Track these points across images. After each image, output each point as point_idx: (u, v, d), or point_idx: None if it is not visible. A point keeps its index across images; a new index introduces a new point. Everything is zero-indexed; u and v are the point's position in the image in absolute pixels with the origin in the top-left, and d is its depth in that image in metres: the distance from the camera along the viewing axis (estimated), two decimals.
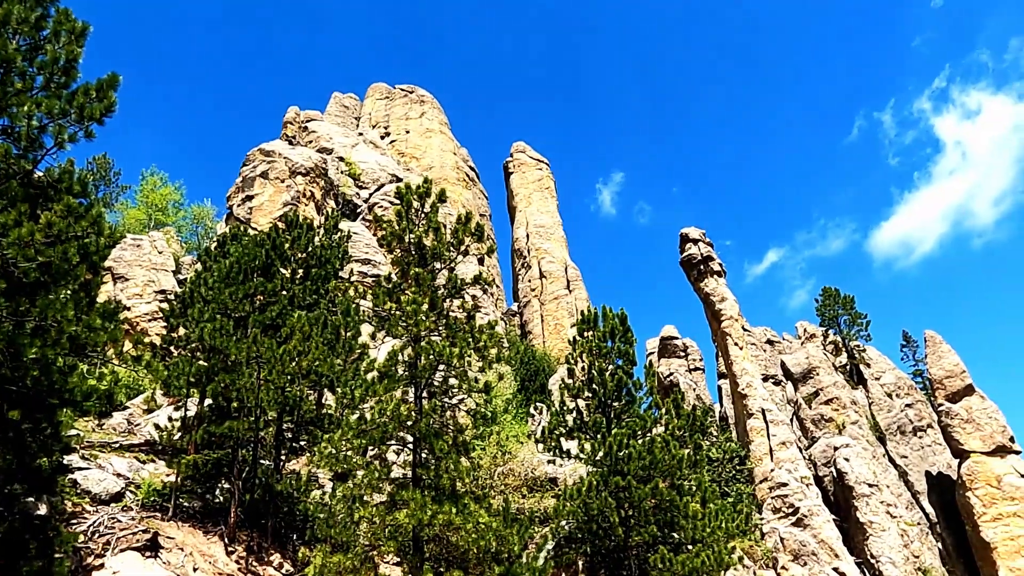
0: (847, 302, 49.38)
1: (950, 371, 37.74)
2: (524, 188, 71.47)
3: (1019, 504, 32.48)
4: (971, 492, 33.66)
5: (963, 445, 35.17)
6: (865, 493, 32.35)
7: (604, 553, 20.61)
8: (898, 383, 45.98)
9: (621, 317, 22.83)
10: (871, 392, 44.91)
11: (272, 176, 41.44)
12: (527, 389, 40.91)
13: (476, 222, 19.24)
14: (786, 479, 29.53)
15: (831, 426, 38.49)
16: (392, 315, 17.22)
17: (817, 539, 27.41)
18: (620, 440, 19.99)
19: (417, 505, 14.09)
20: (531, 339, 57.70)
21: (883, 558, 29.95)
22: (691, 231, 38.53)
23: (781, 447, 31.35)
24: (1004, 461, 34.26)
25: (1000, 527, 32.18)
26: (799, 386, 41.74)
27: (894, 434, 41.89)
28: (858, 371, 46.59)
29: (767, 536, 27.80)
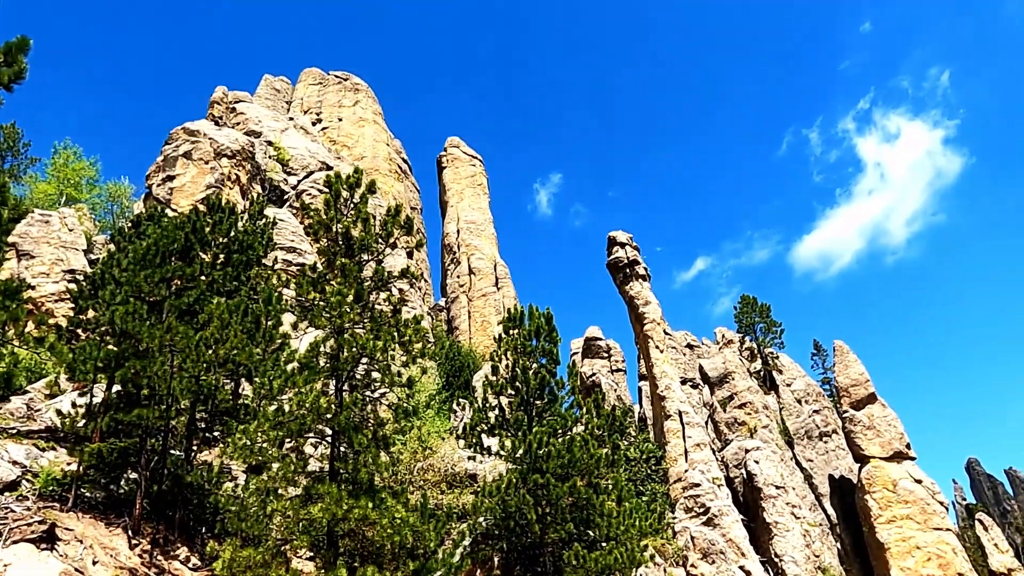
0: (764, 310, 51.23)
1: (855, 380, 39.64)
2: (457, 183, 71.26)
3: (912, 507, 34.40)
4: (869, 495, 35.45)
5: (864, 450, 37.00)
6: (772, 495, 33.65)
7: (520, 550, 20.77)
8: (807, 390, 48.00)
9: (547, 316, 23.05)
10: (782, 397, 46.72)
11: (196, 157, 40.00)
12: (451, 385, 40.81)
13: (406, 215, 19.07)
14: (699, 479, 30.42)
15: (744, 429, 39.85)
16: (316, 305, 16.89)
17: (726, 538, 28.34)
18: (540, 438, 20.18)
19: (333, 499, 13.86)
20: (457, 335, 57.60)
21: (786, 557, 31.23)
22: (619, 235, 39.20)
23: (696, 448, 32.26)
24: (900, 466, 36.23)
25: (894, 529, 34.01)
26: (715, 390, 43.06)
27: (802, 438, 43.71)
28: (771, 377, 48.40)
29: (679, 535, 28.57)
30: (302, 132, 56.09)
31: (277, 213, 39.89)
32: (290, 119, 60.22)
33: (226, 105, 53.33)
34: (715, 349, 51.59)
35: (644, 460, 33.71)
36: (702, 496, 29.81)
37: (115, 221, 47.77)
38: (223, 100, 53.57)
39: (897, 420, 38.03)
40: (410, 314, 23.17)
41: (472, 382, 41.34)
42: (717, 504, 29.52)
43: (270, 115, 56.41)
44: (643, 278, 38.34)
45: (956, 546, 33.81)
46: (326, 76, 71.72)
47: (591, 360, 54.15)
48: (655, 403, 36.34)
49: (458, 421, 29.63)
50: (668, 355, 37.47)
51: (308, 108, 67.27)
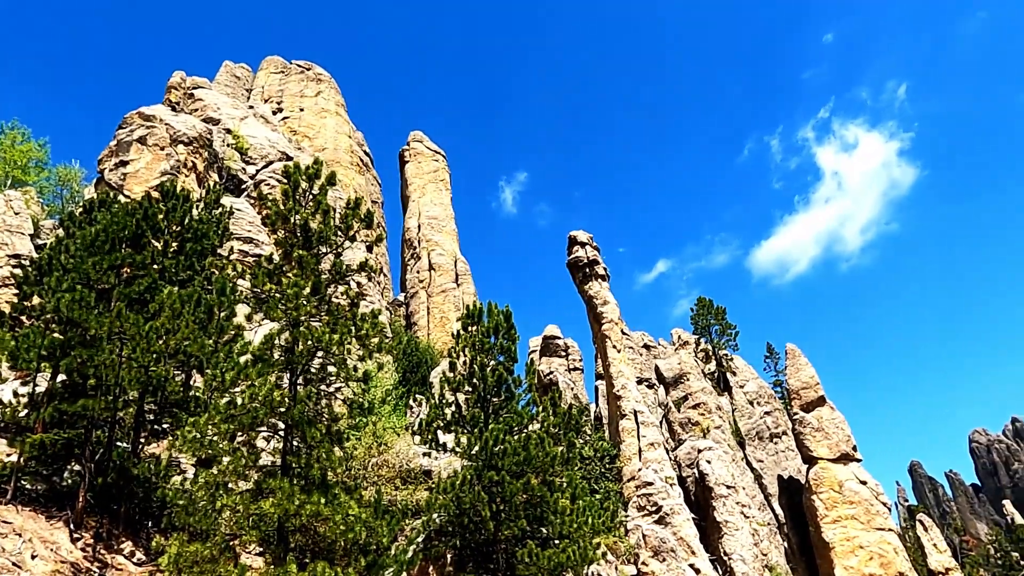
0: (719, 313, 52.03)
1: (806, 383, 40.52)
2: (419, 178, 70.83)
3: (856, 508, 35.31)
4: (816, 495, 36.28)
5: (813, 452, 37.84)
6: (723, 494, 34.20)
7: (474, 547, 20.75)
8: (760, 391, 48.91)
9: (506, 314, 23.05)
10: (735, 399, 47.52)
11: (151, 142, 39.03)
12: (408, 381, 40.56)
13: (366, 208, 18.88)
14: (652, 478, 30.76)
15: (697, 429, 40.43)
16: (271, 297, 16.63)
17: (677, 536, 28.71)
18: (497, 435, 20.18)
19: (284, 494, 13.67)
20: (416, 331, 57.29)
21: (735, 555, 31.78)
22: (579, 234, 39.40)
23: (650, 448, 32.62)
24: (847, 468, 37.15)
25: (839, 528, 34.87)
26: (670, 390, 43.60)
27: (753, 439, 44.52)
28: (725, 378, 49.20)
29: (631, 533, 28.85)
30: (262, 121, 55.15)
31: (234, 202, 39.16)
32: (250, 107, 59.16)
33: (184, 91, 52.14)
34: (671, 350, 52.22)
35: (599, 458, 33.96)
36: (655, 495, 30.15)
37: (64, 206, 46.33)
38: (181, 85, 52.37)
39: (845, 423, 38.97)
40: (368, 308, 22.97)
41: (430, 378, 41.16)
42: (669, 503, 29.89)
43: (229, 102, 55.34)
44: (602, 278, 38.61)
45: (897, 546, 34.81)
46: (288, 65, 70.62)
47: (549, 358, 54.35)
48: (611, 402, 36.64)
49: (414, 417, 29.47)
50: (625, 355, 37.81)
51: (269, 97, 66.17)
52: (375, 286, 48.66)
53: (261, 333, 17.28)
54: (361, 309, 18.31)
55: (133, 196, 33.81)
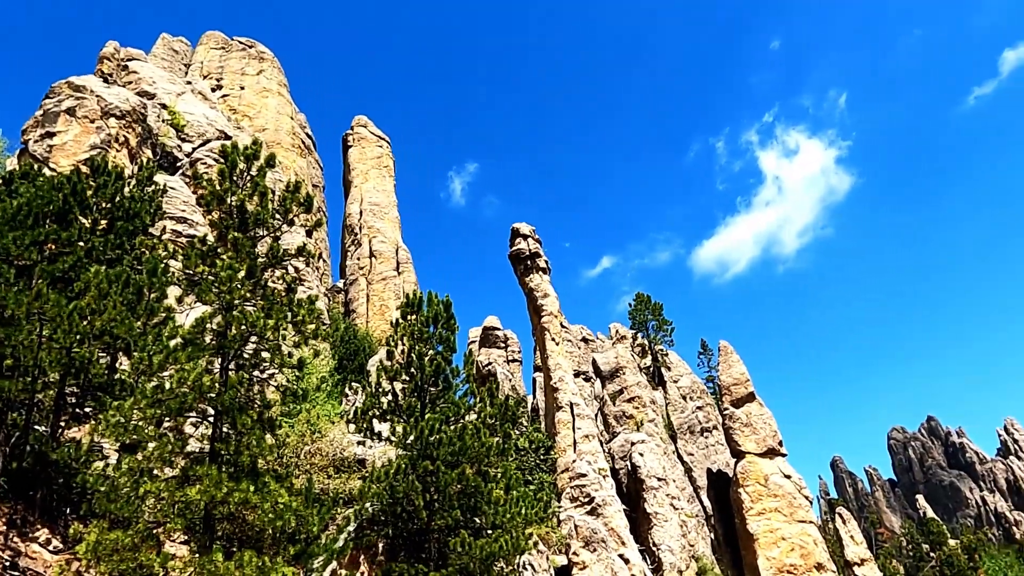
0: (656, 309, 52.96)
1: (737, 379, 41.64)
2: (362, 164, 69.83)
3: (780, 501, 36.54)
4: (743, 489, 37.39)
5: (741, 446, 38.96)
6: (654, 486, 34.94)
7: (406, 536, 20.69)
8: (693, 387, 50.05)
9: (446, 304, 22.99)
10: (669, 393, 48.52)
11: (80, 114, 37.38)
12: (345, 368, 40.06)
13: (306, 191, 18.53)
14: (586, 470, 31.19)
15: (631, 423, 41.15)
16: (204, 280, 16.17)
17: (608, 527, 29.21)
18: (433, 425, 20.14)
19: (212, 481, 13.35)
20: (355, 318, 56.57)
21: (663, 546, 32.53)
22: (522, 226, 39.52)
23: (584, 440, 33.05)
24: (772, 462, 38.38)
25: (763, 520, 36.03)
26: (607, 383, 44.23)
27: (684, 433, 45.56)
28: (660, 373, 50.16)
29: (563, 523, 29.22)
30: (200, 98, 53.45)
31: (168, 181, 37.88)
32: (188, 83, 57.25)
33: (117, 62, 50.10)
34: (609, 344, 52.97)
35: (534, 450, 34.26)
36: (588, 486, 30.59)
37: None
38: (114, 56, 50.29)
39: (772, 418, 40.24)
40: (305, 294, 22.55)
41: (367, 367, 40.75)
42: (602, 494, 30.37)
43: (166, 77, 53.45)
44: (543, 271, 38.84)
45: (817, 538, 36.18)
46: (230, 41, 68.56)
47: (488, 349, 54.49)
48: (548, 394, 36.96)
49: (350, 405, 29.14)
50: (564, 348, 38.16)
51: (208, 73, 64.13)
52: (314, 272, 47.83)
53: (192, 316, 16.80)
54: (298, 295, 17.98)
55: (60, 170, 32.37)
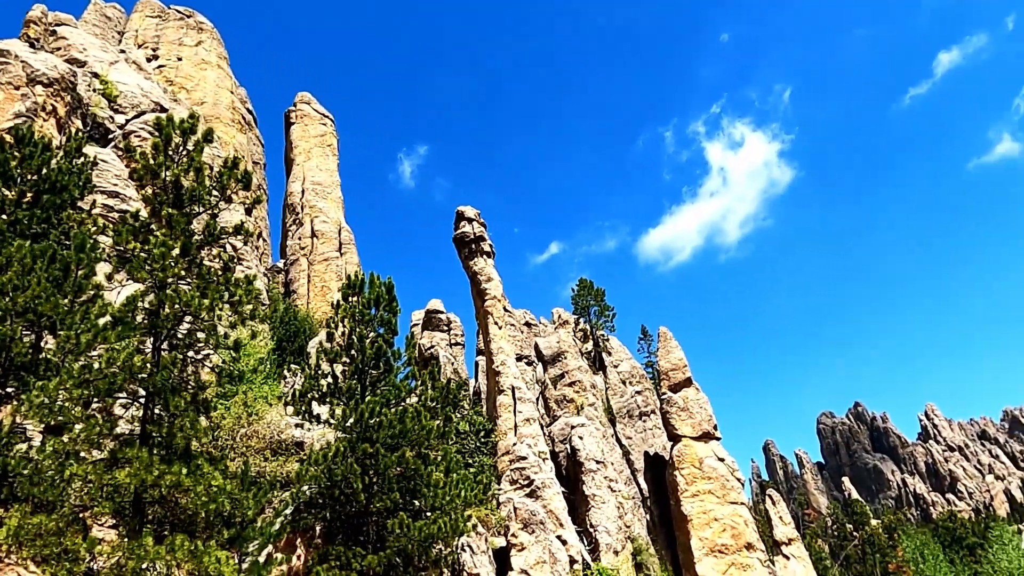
0: (599, 294, 53.54)
1: (675, 364, 42.51)
2: (305, 141, 68.38)
3: (713, 483, 37.57)
4: (678, 471, 38.30)
5: (677, 430, 39.86)
6: (593, 469, 35.50)
7: (344, 519, 20.56)
8: (632, 372, 50.89)
9: (388, 286, 22.78)
10: (609, 378, 49.24)
11: (4, 80, 35.53)
12: (284, 350, 39.37)
13: (245, 168, 18.07)
14: (526, 453, 31.47)
15: (571, 406, 41.64)
16: (136, 257, 15.64)
17: (546, 509, 29.58)
18: (373, 408, 20.01)
19: (142, 464, 13.00)
20: (295, 299, 55.58)
21: (600, 527, 33.13)
22: (467, 210, 39.38)
23: (525, 423, 33.33)
24: (707, 446, 39.40)
25: (697, 502, 37.02)
26: (548, 368, 44.61)
27: (624, 417, 46.35)
28: (601, 358, 50.83)
29: (502, 505, 29.45)
30: (135, 68, 51.42)
31: (99, 153, 36.39)
32: (121, 52, 54.97)
33: (45, 26, 47.73)
34: (551, 329, 53.39)
35: (475, 433, 34.37)
36: (527, 469, 30.88)
37: None
38: (41, 20, 47.89)
39: (708, 403, 41.25)
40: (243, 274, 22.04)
41: (307, 348, 40.16)
42: (541, 477, 30.70)
43: (98, 44, 51.20)
44: (488, 254, 38.82)
45: (748, 518, 37.37)
46: (167, 10, 66.04)
47: (431, 332, 54.28)
48: (490, 378, 37.10)
49: (288, 387, 28.70)
50: (506, 332, 38.30)
51: (143, 42, 61.69)
52: (253, 251, 46.75)
53: (124, 294, 16.25)
54: (236, 274, 17.57)
55: None
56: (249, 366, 25.46)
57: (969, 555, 69.77)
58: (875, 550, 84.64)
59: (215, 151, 42.38)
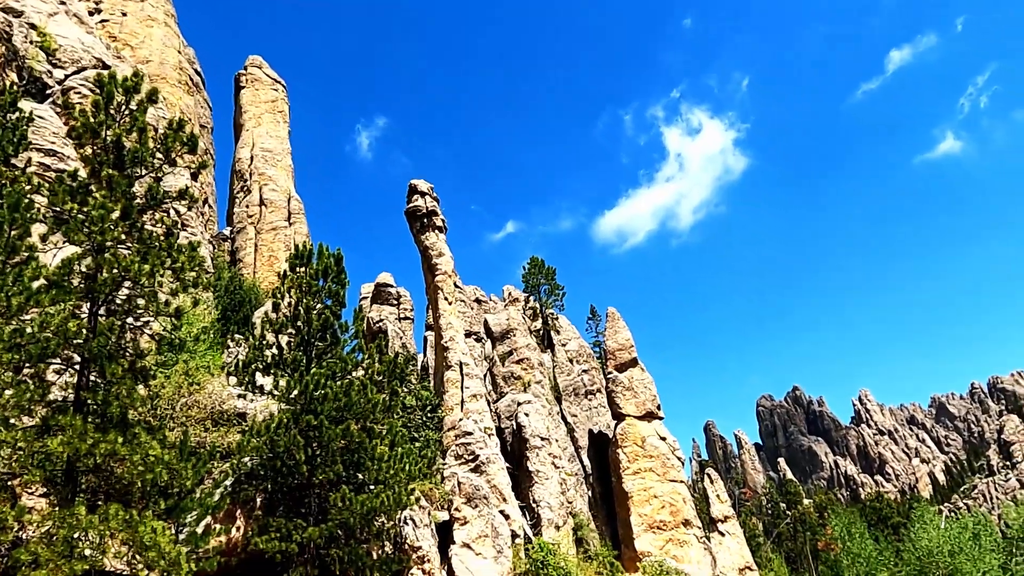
0: (549, 273, 53.81)
1: (622, 345, 43.11)
2: (255, 107, 66.65)
3: (654, 461, 38.41)
4: (621, 449, 39.01)
5: (622, 409, 40.53)
6: (537, 445, 35.90)
7: (286, 491, 20.40)
8: (580, 351, 51.44)
9: (337, 257, 22.49)
10: (557, 356, 49.68)
11: None
12: (229, 320, 38.64)
13: (191, 131, 17.53)
14: (472, 428, 31.63)
15: (519, 384, 41.94)
16: (73, 218, 15.08)
17: (490, 484, 29.84)
18: (318, 380, 19.82)
19: (76, 432, 12.64)
20: (241, 268, 54.49)
21: (543, 503, 33.60)
22: (420, 183, 39.00)
23: (472, 399, 33.45)
24: (650, 425, 40.19)
25: (638, 479, 37.81)
26: (497, 345, 44.77)
27: (570, 395, 46.90)
28: (549, 336, 51.22)
29: (447, 480, 29.60)
30: (75, 21, 49.21)
31: (36, 109, 34.82)
32: (62, 3, 52.49)
33: None
34: (501, 306, 53.53)
35: (421, 407, 34.35)
36: (473, 444, 31.06)
37: None
38: None
39: (652, 383, 42.02)
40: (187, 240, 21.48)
41: (252, 319, 39.45)
42: (486, 452, 30.93)
43: None
44: (440, 229, 38.59)
45: (686, 496, 38.36)
46: None
47: (380, 306, 53.89)
48: (438, 353, 37.06)
49: (231, 358, 28.19)
50: (456, 307, 38.24)
51: None
52: (198, 217, 45.53)
53: (59, 257, 15.67)
54: (179, 240, 17.10)
55: None
56: (191, 335, 24.90)
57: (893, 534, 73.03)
58: (806, 528, 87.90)
59: (160, 112, 40.98)
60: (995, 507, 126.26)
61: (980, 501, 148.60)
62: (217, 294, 38.31)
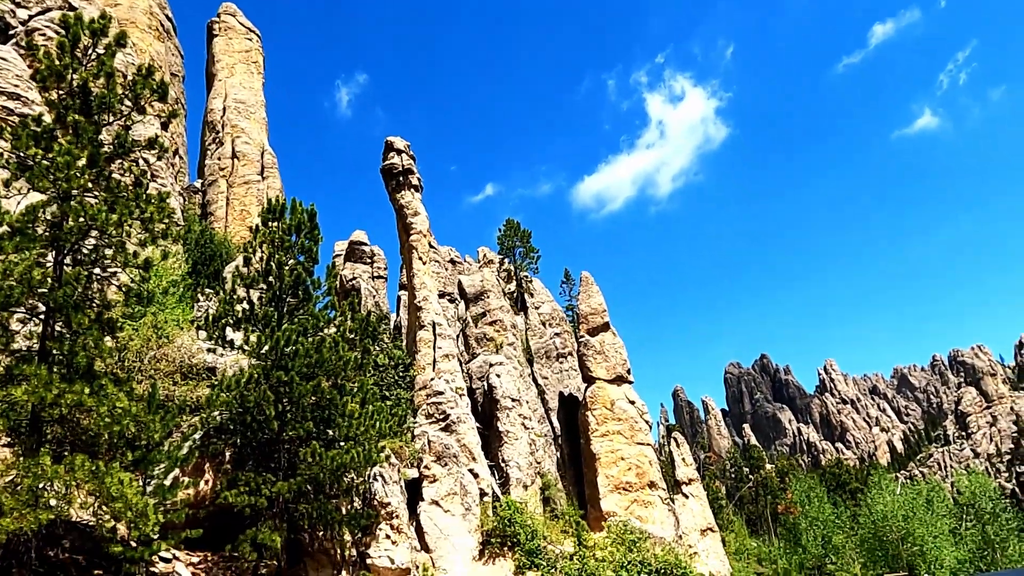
0: (525, 236, 53.73)
1: (594, 309, 43.37)
2: (228, 56, 64.92)
3: (622, 424, 38.98)
4: (590, 412, 39.51)
5: (592, 372, 40.94)
6: (508, 406, 36.21)
7: (255, 445, 20.40)
8: (553, 314, 51.69)
9: (310, 213, 22.23)
10: (530, 319, 49.90)
11: None
12: (199, 273, 38.10)
13: (161, 78, 17.04)
14: (443, 388, 31.79)
15: (491, 345, 42.12)
16: (38, 164, 14.66)
17: (460, 443, 30.13)
18: (289, 336, 19.72)
19: (41, 381, 12.47)
20: (212, 221, 53.60)
21: (512, 462, 34.03)
22: (396, 140, 38.51)
23: (444, 359, 33.57)
24: (619, 388, 40.68)
25: (606, 441, 38.40)
26: (471, 306, 44.81)
27: (541, 358, 47.23)
28: (523, 299, 51.36)
29: (417, 438, 29.83)
30: None
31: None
32: None
33: None
34: (476, 268, 53.44)
35: (393, 366, 34.41)
36: (444, 404, 31.25)
37: None
38: None
39: (623, 348, 42.44)
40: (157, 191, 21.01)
41: (223, 273, 38.97)
42: (457, 412, 31.16)
43: None
44: (415, 188, 38.25)
45: (652, 459, 39.08)
46: None
47: (353, 264, 53.54)
48: (411, 312, 37.02)
49: (202, 312, 27.90)
50: (430, 267, 38.13)
51: None
52: (168, 168, 44.57)
53: (23, 203, 15.27)
54: (148, 190, 16.73)
55: None
56: (160, 288, 24.56)
57: (851, 499, 75.28)
58: (767, 492, 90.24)
59: (129, 58, 39.79)
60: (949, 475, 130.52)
61: (935, 469, 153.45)
62: (187, 247, 37.75)
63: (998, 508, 49.34)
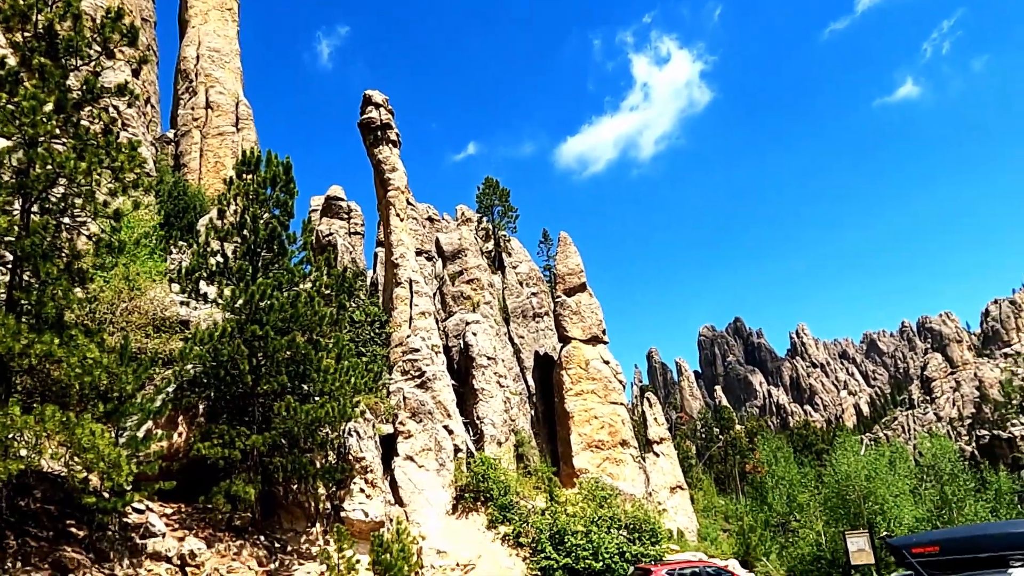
0: (503, 195, 53.46)
1: (572, 269, 43.51)
2: (202, 2, 62.98)
3: (596, 383, 39.43)
4: (565, 371, 39.90)
5: (568, 332, 41.23)
6: (483, 364, 36.41)
7: (229, 399, 20.36)
8: (530, 274, 51.76)
9: (286, 166, 21.87)
10: (507, 278, 49.93)
11: None
12: (172, 225, 37.48)
13: (131, 22, 16.51)
14: (419, 345, 31.85)
15: (468, 303, 42.15)
16: (3, 108, 14.21)
17: (435, 400, 30.32)
18: (264, 290, 19.56)
19: (9, 331, 12.27)
20: (185, 173, 52.59)
21: (486, 419, 34.35)
22: (375, 94, 37.87)
23: (421, 316, 33.57)
24: (594, 348, 41.05)
25: (579, 400, 38.87)
26: (448, 264, 44.70)
27: (518, 317, 47.41)
28: (500, 258, 51.31)
29: (392, 394, 29.96)
30: None
31: None
32: None
33: None
34: (454, 225, 53.16)
35: (369, 323, 34.37)
36: (419, 361, 31.34)
37: None
38: None
39: (599, 309, 42.75)
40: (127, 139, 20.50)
41: (197, 226, 38.38)
42: (432, 369, 31.28)
43: None
44: (393, 143, 37.76)
45: (625, 418, 39.69)
46: None
47: (330, 219, 53.03)
48: (388, 269, 36.86)
49: (175, 264, 27.52)
50: (408, 224, 37.86)
51: None
52: (139, 117, 43.48)
53: None
54: (119, 139, 16.32)
55: None
56: (132, 239, 24.13)
57: (816, 459, 77.11)
58: (736, 452, 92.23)
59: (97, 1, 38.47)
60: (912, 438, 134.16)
61: (899, 432, 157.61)
62: (160, 199, 37.04)
63: (957, 469, 50.81)
